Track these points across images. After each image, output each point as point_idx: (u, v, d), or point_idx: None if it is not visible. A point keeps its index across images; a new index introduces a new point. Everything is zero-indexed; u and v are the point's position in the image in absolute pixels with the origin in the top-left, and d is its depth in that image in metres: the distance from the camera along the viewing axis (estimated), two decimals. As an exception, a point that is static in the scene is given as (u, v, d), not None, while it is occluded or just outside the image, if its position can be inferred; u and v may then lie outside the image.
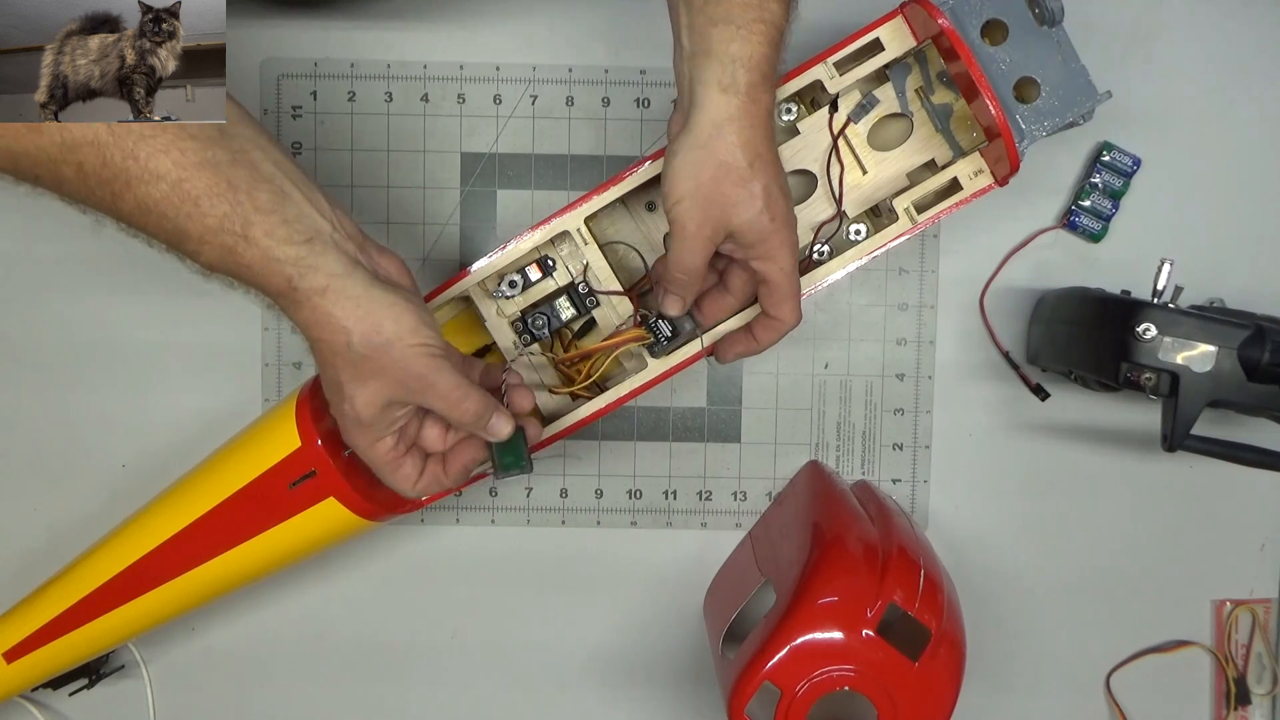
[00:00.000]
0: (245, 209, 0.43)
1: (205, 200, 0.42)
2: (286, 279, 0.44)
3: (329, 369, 0.47)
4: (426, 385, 0.47)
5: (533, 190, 0.68)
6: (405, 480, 0.51)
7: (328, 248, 0.45)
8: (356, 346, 0.45)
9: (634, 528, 0.69)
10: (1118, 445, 0.69)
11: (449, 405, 0.48)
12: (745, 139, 0.48)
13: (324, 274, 0.45)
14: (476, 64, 0.67)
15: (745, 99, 0.48)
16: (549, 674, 0.70)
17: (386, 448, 0.49)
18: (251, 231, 0.43)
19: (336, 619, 0.69)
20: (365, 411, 0.47)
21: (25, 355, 0.68)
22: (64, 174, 0.42)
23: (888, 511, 0.62)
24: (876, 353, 0.69)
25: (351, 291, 0.45)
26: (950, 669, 0.55)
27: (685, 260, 0.51)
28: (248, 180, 0.43)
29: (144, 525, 0.58)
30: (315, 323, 0.45)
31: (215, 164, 0.43)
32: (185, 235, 0.43)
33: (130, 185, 0.42)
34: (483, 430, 0.50)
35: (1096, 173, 0.67)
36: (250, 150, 0.44)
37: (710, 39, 0.47)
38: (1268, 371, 0.55)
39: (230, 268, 0.44)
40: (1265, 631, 0.70)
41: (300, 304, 0.45)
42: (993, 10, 0.56)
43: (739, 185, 0.49)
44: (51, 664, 0.60)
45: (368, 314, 0.45)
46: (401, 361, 0.46)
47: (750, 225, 0.50)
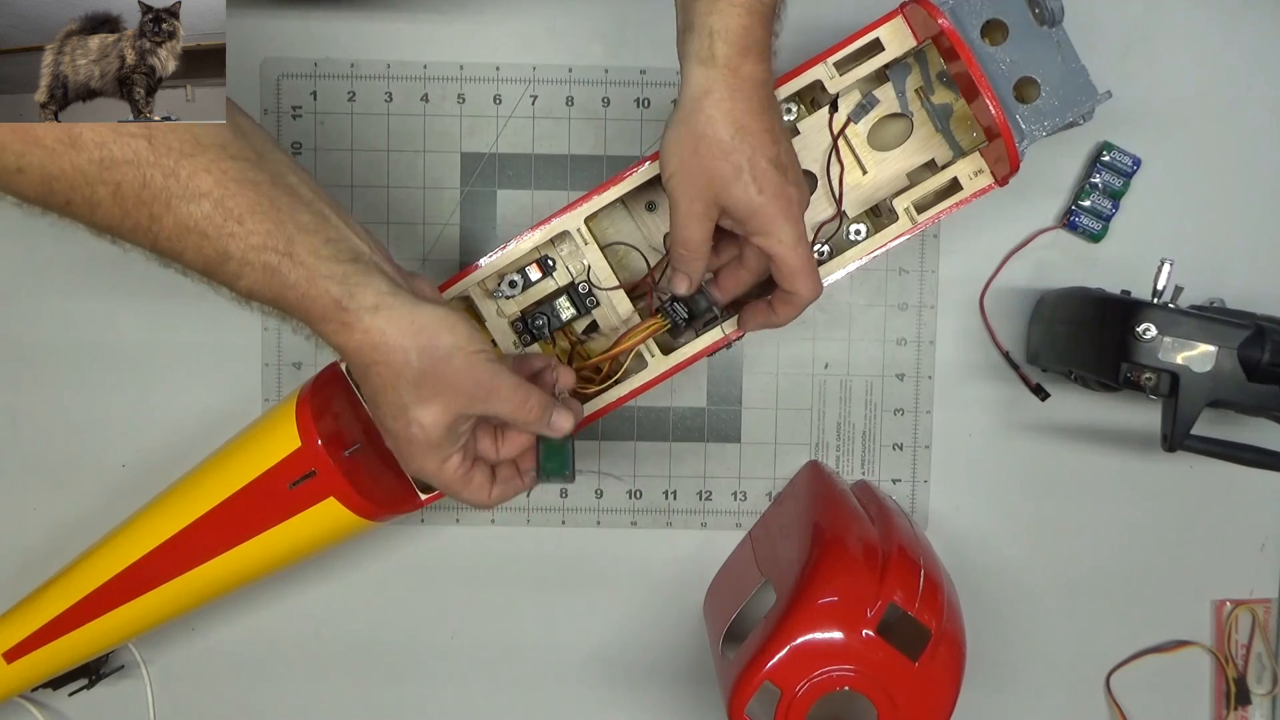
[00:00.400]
0: (289, 228, 0.43)
1: (249, 218, 0.42)
2: (334, 299, 0.43)
3: (389, 393, 0.45)
4: (490, 392, 0.46)
5: (533, 190, 0.68)
6: (480, 492, 0.50)
7: (371, 268, 0.45)
8: (417, 363, 0.44)
9: (634, 528, 0.69)
10: (1118, 445, 0.69)
11: (513, 408, 0.47)
12: (725, 110, 0.47)
13: (373, 292, 0.44)
14: (476, 64, 0.67)
15: (725, 70, 0.47)
16: (549, 674, 0.70)
17: (455, 465, 0.49)
18: (296, 249, 0.43)
19: (336, 619, 0.69)
20: (434, 431, 0.46)
21: (25, 355, 0.68)
22: (100, 196, 0.40)
23: (888, 511, 0.62)
24: (876, 353, 0.69)
25: (401, 309, 0.44)
26: (950, 669, 0.55)
27: (683, 235, 0.50)
28: (289, 201, 0.43)
29: (144, 525, 0.58)
30: (371, 345, 0.44)
31: (256, 183, 0.42)
32: (227, 256, 0.42)
33: (170, 205, 0.41)
34: (546, 427, 0.49)
35: (1096, 173, 0.67)
36: (287, 174, 0.44)
37: (692, 13, 0.47)
38: (1268, 371, 0.55)
39: (273, 290, 0.43)
40: (1265, 631, 0.70)
41: (351, 326, 0.44)
42: (993, 10, 0.56)
43: (721, 158, 0.48)
44: (51, 664, 0.60)
45: (422, 329, 0.44)
46: (464, 371, 0.45)
47: (739, 200, 0.49)
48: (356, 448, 0.57)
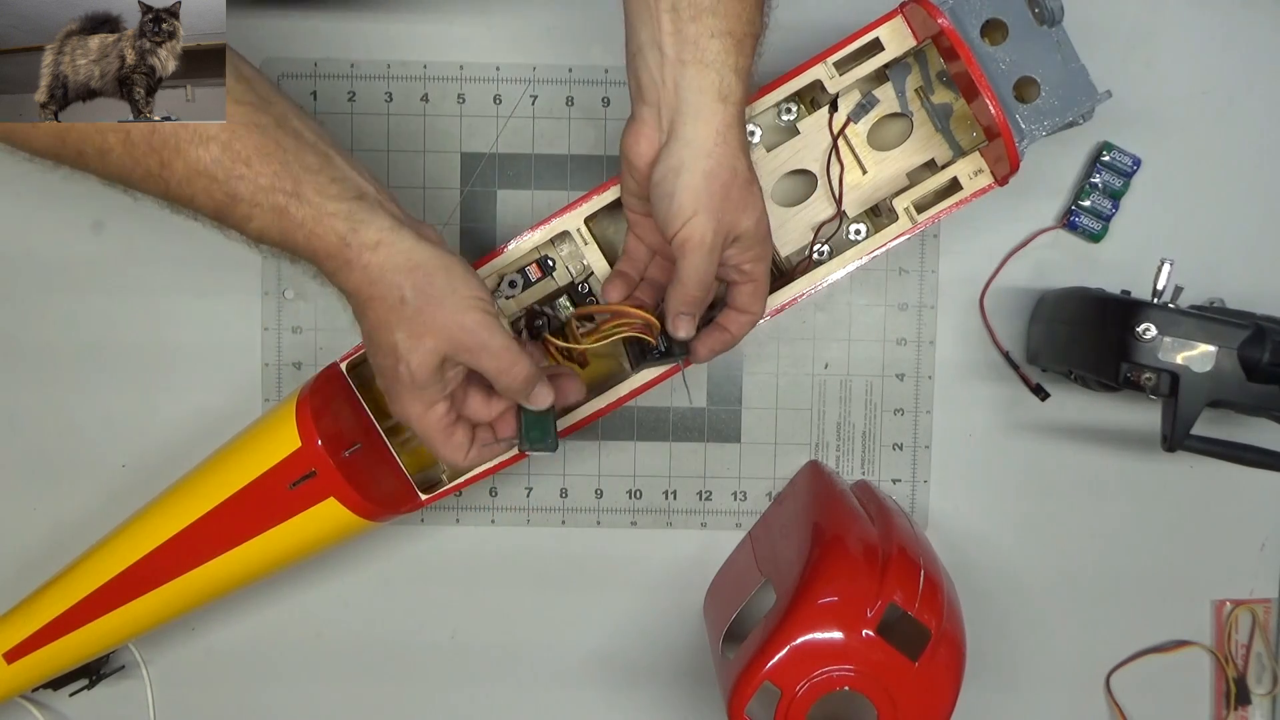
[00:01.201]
0: (295, 169, 0.44)
1: (256, 160, 0.43)
2: (340, 236, 0.44)
3: (383, 330, 0.46)
4: (480, 343, 0.46)
5: (533, 190, 0.68)
6: (458, 449, 0.50)
7: (375, 206, 0.46)
8: (411, 301, 0.45)
9: (634, 528, 0.69)
10: (1118, 445, 0.69)
11: (500, 366, 0.47)
12: (742, 144, 0.49)
13: (375, 229, 0.45)
14: (476, 64, 0.67)
15: (737, 107, 0.48)
16: (549, 674, 0.70)
17: (439, 414, 0.49)
18: (303, 189, 0.44)
19: (336, 619, 0.69)
20: (420, 371, 0.46)
21: (26, 355, 0.68)
22: (110, 144, 0.42)
23: (888, 511, 0.62)
24: (876, 353, 0.69)
25: (401, 246, 0.45)
26: (950, 669, 0.55)
27: (704, 275, 0.50)
28: (294, 143, 0.44)
29: (144, 526, 0.58)
30: (368, 280, 0.45)
31: (262, 127, 0.43)
32: (236, 198, 0.43)
33: (180, 150, 0.42)
34: (526, 397, 0.49)
35: (1096, 173, 0.67)
36: (290, 118, 0.45)
37: (708, 50, 0.47)
38: (1268, 371, 0.55)
39: (281, 229, 0.44)
40: (1265, 631, 0.70)
41: (352, 263, 0.45)
42: (992, 10, 0.56)
43: (746, 190, 0.49)
44: (52, 664, 0.60)
45: (419, 265, 0.45)
46: (456, 314, 0.46)
47: (756, 227, 0.50)
48: (356, 448, 0.58)
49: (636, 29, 0.48)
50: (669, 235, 0.49)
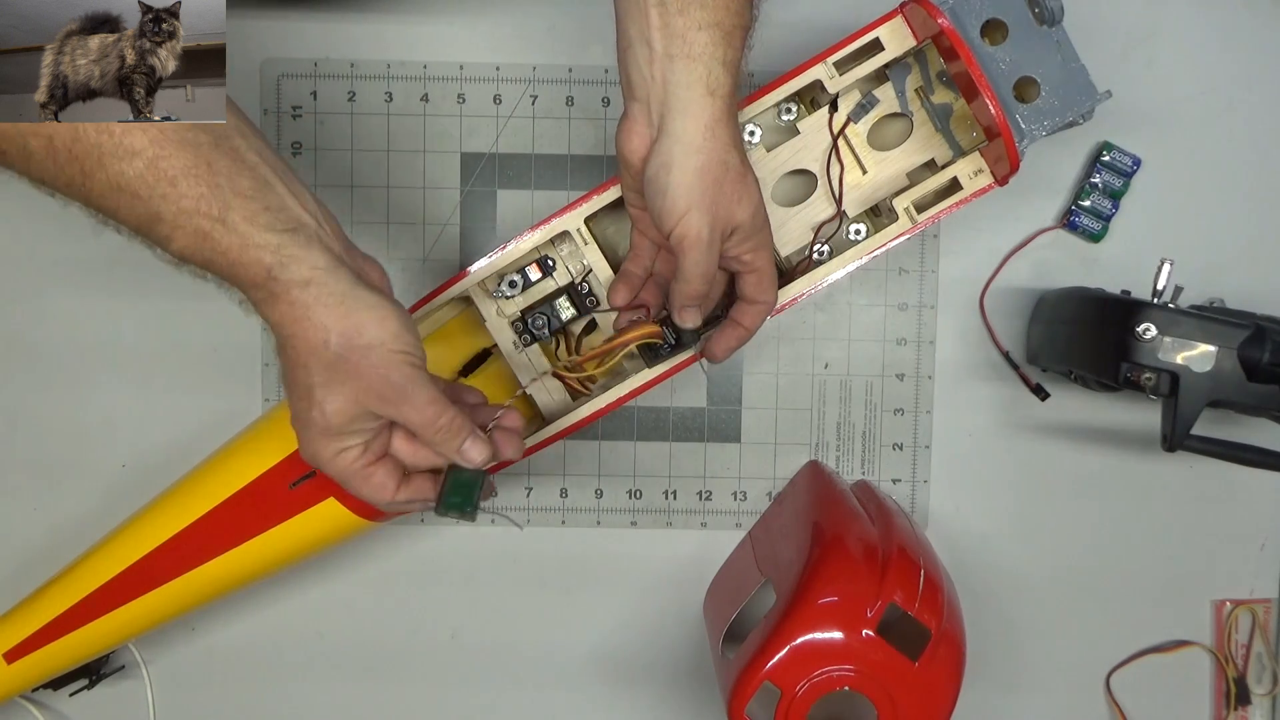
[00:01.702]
0: (225, 193, 0.41)
1: (182, 180, 0.40)
2: (265, 268, 0.42)
3: (299, 370, 0.44)
4: (403, 397, 0.45)
5: (533, 190, 0.68)
6: (381, 490, 0.48)
7: (311, 240, 0.43)
8: (334, 346, 0.43)
9: (634, 528, 0.69)
10: (1118, 445, 0.69)
11: (423, 421, 0.46)
12: (733, 137, 0.48)
13: (307, 266, 0.42)
14: (476, 64, 0.67)
15: (727, 101, 0.48)
16: (549, 674, 0.70)
17: (351, 458, 0.46)
18: (230, 215, 0.41)
19: (337, 619, 0.69)
20: (334, 419, 0.44)
21: (25, 355, 0.68)
22: (33, 148, 0.39)
23: (888, 511, 0.62)
24: (876, 353, 0.69)
25: (334, 288, 0.43)
26: (950, 669, 0.55)
27: (705, 269, 0.50)
28: (229, 165, 0.41)
29: (144, 525, 0.58)
30: (293, 318, 0.42)
31: (195, 144, 0.41)
32: (158, 218, 0.40)
33: (102, 162, 0.39)
34: (454, 453, 0.47)
35: (1096, 173, 0.67)
36: (233, 136, 0.42)
37: (694, 44, 0.46)
38: (1268, 371, 0.55)
39: (204, 255, 0.41)
40: (1265, 631, 0.70)
41: (278, 297, 0.42)
42: (992, 10, 0.56)
43: (739, 182, 0.49)
44: (52, 664, 0.60)
45: (350, 313, 0.43)
46: (380, 367, 0.44)
47: (754, 216, 0.50)
48: (356, 448, 0.57)
49: (625, 25, 0.48)
50: (665, 232, 0.49)
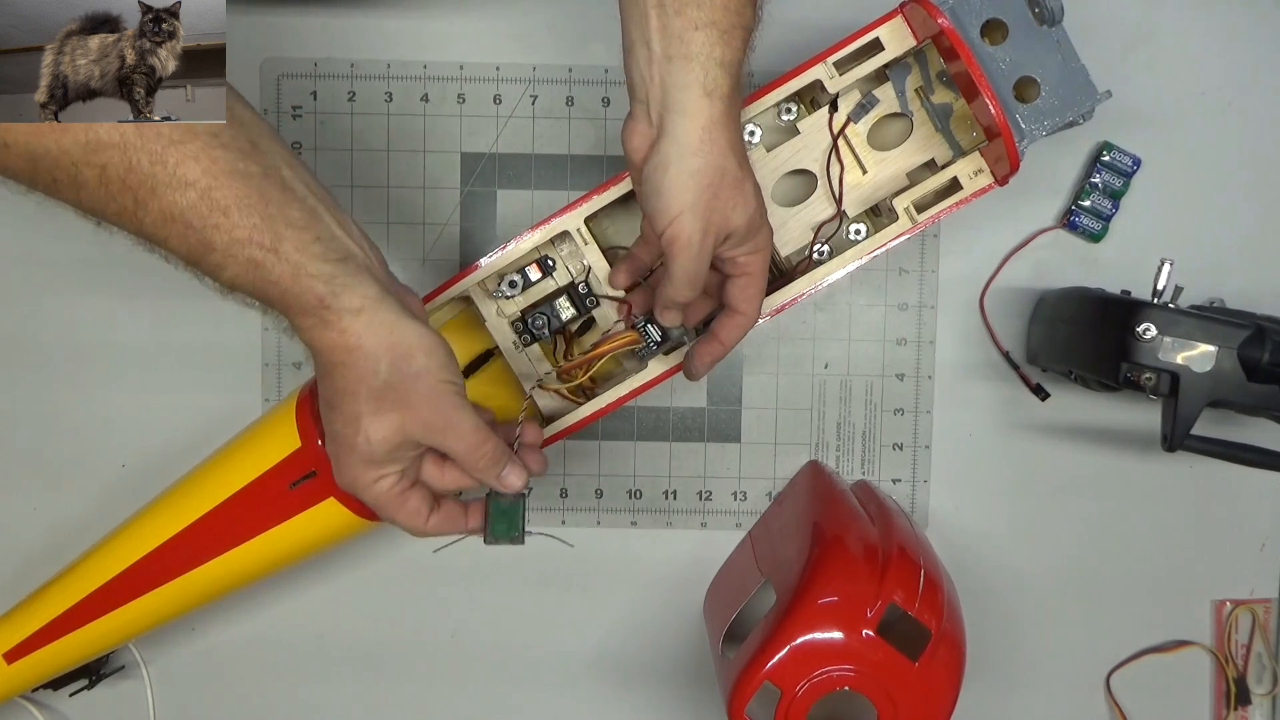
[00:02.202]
0: (277, 223, 0.42)
1: (235, 211, 0.41)
2: (319, 297, 0.42)
3: (347, 398, 0.44)
4: (449, 425, 0.45)
5: (533, 190, 0.68)
6: (416, 517, 0.48)
7: (361, 270, 0.44)
8: (384, 374, 0.44)
9: (634, 528, 0.69)
10: (1118, 445, 0.69)
11: (467, 449, 0.46)
12: (732, 141, 0.47)
13: (358, 295, 0.43)
14: (476, 64, 0.67)
15: (727, 102, 0.47)
16: (549, 674, 0.70)
17: (389, 485, 0.47)
18: (283, 246, 0.42)
19: (336, 619, 0.69)
20: (380, 447, 0.45)
21: (25, 355, 0.68)
22: (85, 177, 0.40)
23: (888, 511, 0.62)
24: (876, 353, 0.69)
25: (385, 317, 0.44)
26: (950, 669, 0.55)
27: (692, 274, 0.49)
28: (279, 196, 0.42)
29: (144, 526, 0.58)
30: (345, 346, 0.43)
31: (246, 175, 0.41)
32: (210, 247, 0.41)
33: (156, 192, 0.40)
34: (495, 480, 0.48)
35: (1096, 173, 0.67)
36: (282, 168, 0.43)
37: (691, 44, 0.46)
38: (1268, 371, 0.55)
39: (255, 284, 0.42)
40: (1265, 631, 0.70)
41: (330, 325, 0.43)
42: (992, 10, 0.56)
43: (735, 187, 0.48)
44: (52, 665, 0.60)
45: (400, 341, 0.44)
46: (429, 396, 0.44)
47: (749, 223, 0.49)
48: (356, 448, 0.57)
49: (628, 27, 0.48)
50: (657, 232, 0.48)
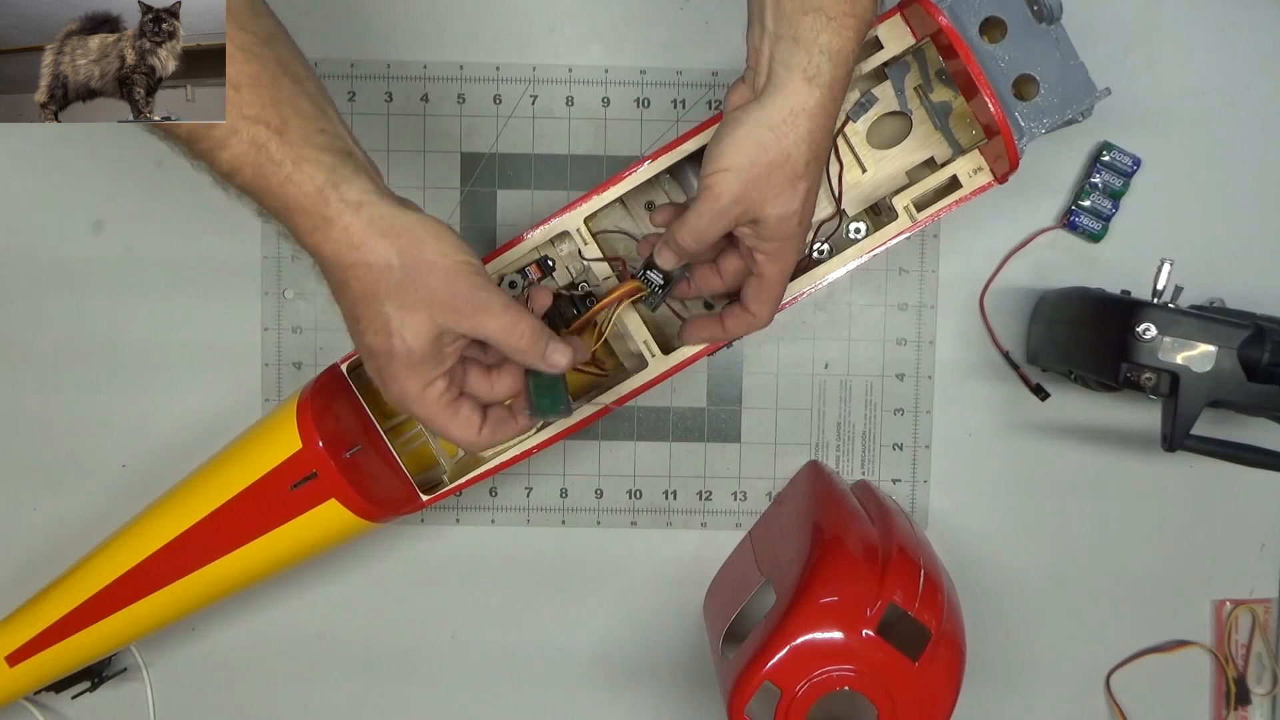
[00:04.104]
0: (285, 108, 0.41)
1: (246, 88, 0.40)
2: (318, 187, 0.41)
3: (369, 302, 0.43)
4: (478, 306, 0.43)
5: (533, 190, 0.68)
6: (468, 427, 0.47)
7: (360, 168, 0.43)
8: (399, 269, 0.42)
9: (634, 528, 0.69)
10: (1118, 445, 0.69)
11: (503, 329, 0.44)
12: (814, 135, 0.46)
13: (357, 189, 0.42)
14: (476, 64, 0.67)
15: (826, 93, 0.46)
16: (549, 674, 0.70)
17: (439, 392, 0.45)
18: (288, 129, 0.41)
19: (337, 620, 0.69)
20: (417, 344, 0.43)
21: (25, 355, 0.68)
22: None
23: (888, 511, 0.62)
24: (876, 353, 0.69)
25: (384, 211, 0.42)
26: (950, 669, 0.55)
27: (703, 228, 0.48)
28: (291, 86, 0.41)
29: (145, 528, 0.58)
30: (350, 246, 0.41)
31: (262, 59, 0.41)
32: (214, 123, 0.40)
33: None
34: (539, 359, 0.46)
35: (1096, 173, 0.67)
36: (293, 63, 0.43)
37: (799, 26, 0.45)
38: (1268, 371, 0.55)
39: (256, 166, 0.41)
40: (1265, 631, 0.70)
41: (331, 222, 0.41)
42: (991, 8, 0.56)
43: (789, 180, 0.47)
44: (54, 667, 0.60)
45: (405, 231, 0.42)
46: (449, 281, 0.43)
47: (781, 220, 0.48)
48: (357, 449, 0.58)
49: (750, 3, 0.48)
50: (702, 175, 0.48)
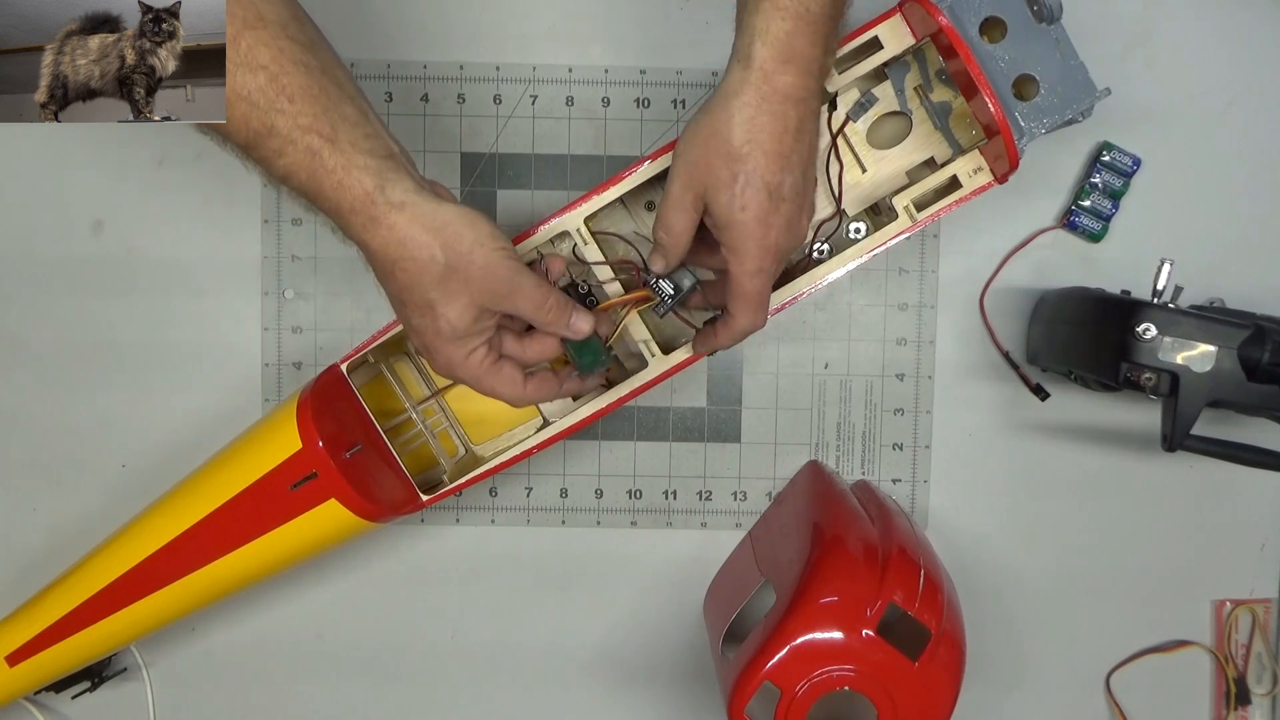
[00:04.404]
0: (334, 116, 0.44)
1: (300, 98, 0.43)
2: (366, 191, 0.45)
3: (415, 290, 0.47)
4: (513, 288, 0.48)
5: (533, 190, 0.68)
6: (513, 385, 0.51)
7: (401, 168, 0.47)
8: (441, 258, 0.46)
9: (634, 528, 0.69)
10: (1118, 445, 0.69)
11: (534, 305, 0.49)
12: (746, 117, 0.47)
13: (400, 190, 0.46)
14: (476, 64, 0.67)
15: (758, 75, 0.46)
16: (549, 674, 0.70)
17: (480, 357, 0.50)
18: (339, 137, 0.44)
19: (337, 620, 0.69)
20: (459, 323, 0.48)
21: (26, 355, 0.68)
22: None
23: (888, 511, 0.62)
24: (876, 353, 0.69)
25: (425, 208, 0.46)
26: (950, 669, 0.55)
27: (664, 217, 0.51)
28: (336, 92, 0.45)
29: (146, 528, 0.58)
30: (396, 241, 0.46)
31: (309, 68, 0.44)
32: (272, 132, 0.44)
33: (229, 72, 0.43)
34: (565, 327, 0.51)
35: (1096, 173, 0.67)
36: (334, 68, 0.46)
37: (742, 10, 0.48)
38: (1268, 371, 0.55)
39: (310, 173, 0.45)
40: (1265, 631, 0.70)
41: (378, 221, 0.45)
42: (991, 8, 0.56)
43: (723, 163, 0.47)
44: (54, 667, 0.61)
45: (445, 225, 0.46)
46: (487, 268, 0.47)
47: (722, 208, 0.48)
48: (357, 449, 0.58)
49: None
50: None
